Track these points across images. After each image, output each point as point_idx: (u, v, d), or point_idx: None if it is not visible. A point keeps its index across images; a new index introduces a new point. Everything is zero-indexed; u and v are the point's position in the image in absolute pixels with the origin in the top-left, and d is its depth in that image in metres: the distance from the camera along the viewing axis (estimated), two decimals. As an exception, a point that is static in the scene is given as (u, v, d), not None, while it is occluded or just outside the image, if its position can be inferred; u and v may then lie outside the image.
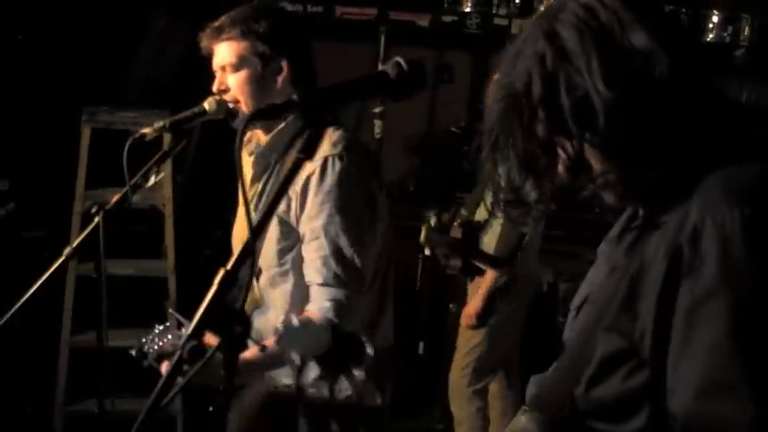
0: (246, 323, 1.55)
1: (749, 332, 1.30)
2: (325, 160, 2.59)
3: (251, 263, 1.52)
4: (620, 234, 1.60)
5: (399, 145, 6.59)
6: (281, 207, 2.64)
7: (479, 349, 4.80)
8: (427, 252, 4.98)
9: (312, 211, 2.59)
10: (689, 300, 1.34)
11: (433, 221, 4.78)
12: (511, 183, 1.49)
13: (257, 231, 1.55)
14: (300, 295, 2.69)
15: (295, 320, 2.50)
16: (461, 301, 5.03)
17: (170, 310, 2.65)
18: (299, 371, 2.73)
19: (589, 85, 1.38)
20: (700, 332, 1.32)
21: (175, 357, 1.49)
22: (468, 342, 4.84)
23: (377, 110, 5.87)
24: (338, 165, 2.59)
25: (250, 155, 2.87)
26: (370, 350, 2.74)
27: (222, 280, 1.53)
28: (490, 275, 4.71)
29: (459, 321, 4.89)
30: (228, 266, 1.54)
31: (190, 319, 1.49)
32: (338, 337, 2.55)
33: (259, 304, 2.82)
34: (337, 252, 2.59)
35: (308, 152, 1.53)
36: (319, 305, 2.58)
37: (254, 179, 2.84)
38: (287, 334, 2.46)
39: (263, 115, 1.60)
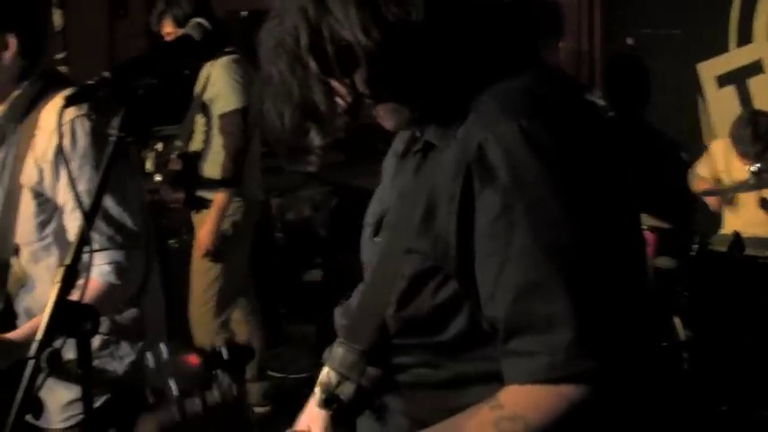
0: (95, 317, 1.49)
1: (550, 231, 1.39)
2: (73, 123, 2.46)
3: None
4: (404, 154, 1.67)
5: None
6: (33, 179, 2.50)
7: (219, 282, 4.76)
8: (159, 178, 4.81)
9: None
10: (488, 213, 1.41)
11: (160, 146, 4.65)
12: (294, 129, 1.53)
13: (91, 217, 1.48)
14: None
15: None
16: (185, 235, 4.95)
17: None
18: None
19: (349, 35, 1.43)
20: (504, 241, 1.40)
21: (31, 366, 1.42)
22: (205, 276, 4.78)
23: (59, 56, 5.58)
24: (87, 124, 2.47)
25: None
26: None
27: (64, 277, 1.46)
28: (219, 200, 4.64)
29: (192, 255, 4.82)
30: (67, 261, 1.47)
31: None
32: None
33: (23, 282, 2.66)
34: (105, 214, 2.50)
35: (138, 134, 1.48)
36: (98, 270, 2.49)
37: None
38: None
39: (79, 99, 1.51)
